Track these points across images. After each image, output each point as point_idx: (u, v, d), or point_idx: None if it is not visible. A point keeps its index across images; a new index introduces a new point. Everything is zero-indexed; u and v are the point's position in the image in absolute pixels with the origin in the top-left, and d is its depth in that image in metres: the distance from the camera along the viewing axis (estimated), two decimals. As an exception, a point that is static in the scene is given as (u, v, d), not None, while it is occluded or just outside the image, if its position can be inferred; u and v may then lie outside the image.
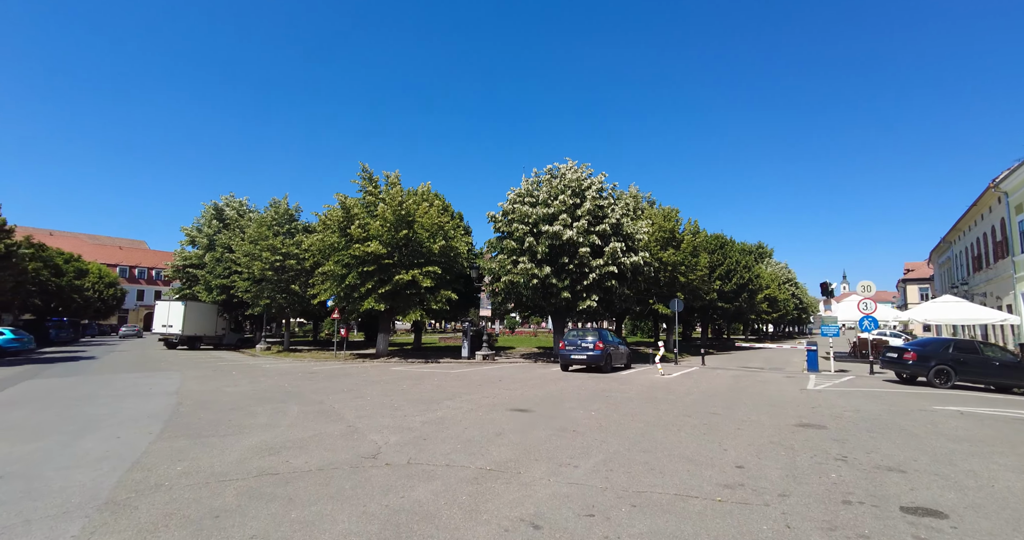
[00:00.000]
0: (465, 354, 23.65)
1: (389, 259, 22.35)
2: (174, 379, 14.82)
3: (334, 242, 23.03)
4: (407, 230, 22.50)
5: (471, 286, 27.92)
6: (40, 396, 11.48)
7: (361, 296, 22.77)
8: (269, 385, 13.65)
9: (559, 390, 12.94)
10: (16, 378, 15.48)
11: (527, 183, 24.39)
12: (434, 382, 14.52)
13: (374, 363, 22.18)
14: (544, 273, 21.50)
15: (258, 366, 20.10)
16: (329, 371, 18.01)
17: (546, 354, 27.13)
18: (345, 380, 14.98)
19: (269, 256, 26.74)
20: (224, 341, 35.75)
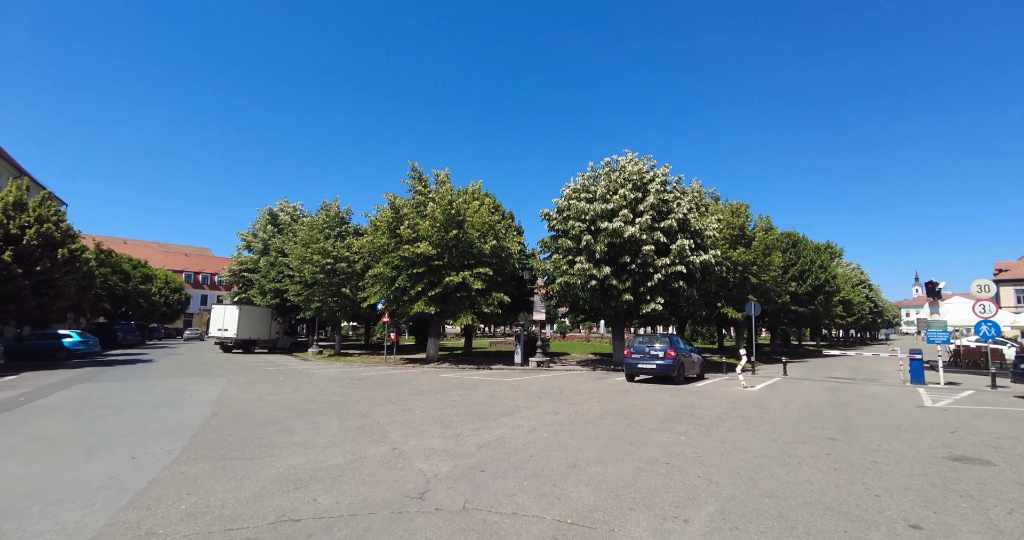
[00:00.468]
0: (518, 360, 22.26)
1: (439, 260, 21.31)
2: (218, 385, 14.18)
3: (384, 243, 22.24)
4: (457, 230, 21.40)
5: (523, 288, 26.53)
6: (80, 403, 10.94)
7: (411, 299, 21.83)
8: (313, 393, 12.71)
9: (631, 406, 11.29)
10: (71, 381, 15.33)
11: (583, 178, 22.81)
12: (487, 392, 13.17)
13: (424, 369, 21.14)
14: (603, 273, 19.83)
15: (306, 371, 19.44)
16: (377, 378, 17.04)
17: (604, 361, 25.35)
18: (393, 388, 13.88)
19: (320, 259, 26.36)
20: (278, 345, 35.94)
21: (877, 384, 17.69)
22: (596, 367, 22.39)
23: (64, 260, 20.66)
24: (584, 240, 20.23)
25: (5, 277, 18.93)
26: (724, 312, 28.03)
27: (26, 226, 19.66)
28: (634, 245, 20.28)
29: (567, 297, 21.99)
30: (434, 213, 21.14)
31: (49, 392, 12.86)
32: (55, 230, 20.68)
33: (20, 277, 19.21)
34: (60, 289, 20.68)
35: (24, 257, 19.51)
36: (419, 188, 23.03)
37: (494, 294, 21.90)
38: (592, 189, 22.17)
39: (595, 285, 20.14)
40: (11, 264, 18.92)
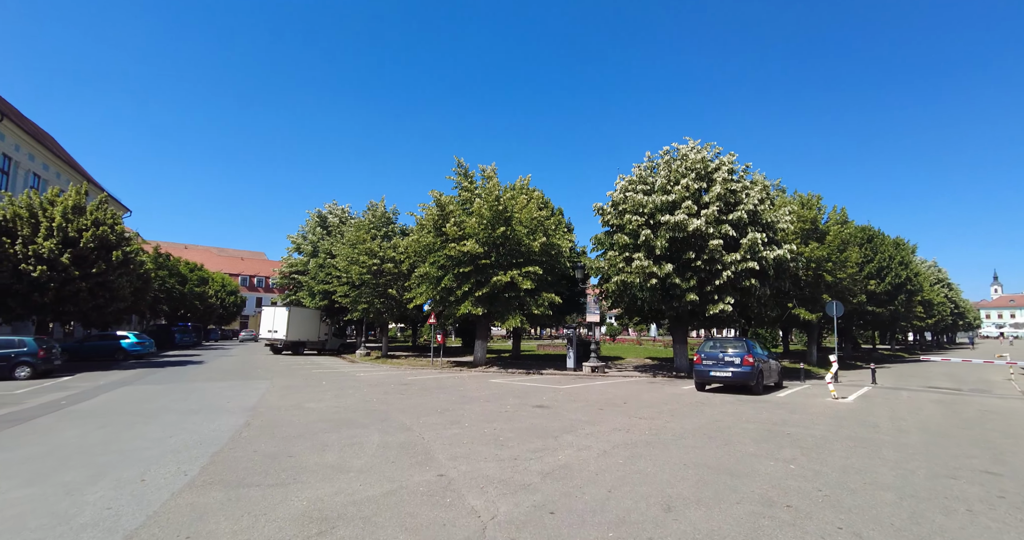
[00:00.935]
0: (571, 365, 20.86)
1: (486, 259, 20.23)
2: (259, 390, 13.54)
3: (429, 242, 21.38)
4: (504, 227, 20.25)
5: (574, 288, 25.12)
6: (115, 408, 10.41)
7: (457, 299, 20.85)
8: (355, 401, 11.79)
9: (713, 421, 9.73)
10: (118, 383, 15.13)
11: (640, 169, 21.20)
12: (543, 402, 11.88)
13: (471, 373, 20.07)
14: (665, 271, 18.17)
15: (351, 375, 18.75)
16: (423, 383, 16.08)
17: (663, 367, 23.58)
18: (440, 396, 12.82)
19: (367, 260, 25.86)
20: (327, 346, 35.91)
21: (991, 396, 15.27)
22: (656, 373, 20.69)
23: (119, 262, 20.86)
24: (642, 235, 18.64)
25: (64, 279, 19.22)
26: (796, 313, 25.66)
27: (83, 229, 19.94)
28: (699, 239, 18.53)
29: (623, 297, 20.42)
30: (480, 210, 20.08)
31: (93, 394, 12.54)
32: (110, 233, 20.95)
33: (77, 279, 19.47)
34: (115, 291, 20.92)
35: (81, 259, 19.79)
36: (465, 184, 22.05)
37: (544, 294, 20.62)
38: (650, 180, 20.53)
39: (656, 284, 18.50)
40: (69, 266, 19.19)
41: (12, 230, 19.06)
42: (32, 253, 18.70)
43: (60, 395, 12.51)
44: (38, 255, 18.78)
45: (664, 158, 21.13)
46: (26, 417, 9.37)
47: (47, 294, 18.89)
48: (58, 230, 19.46)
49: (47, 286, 18.85)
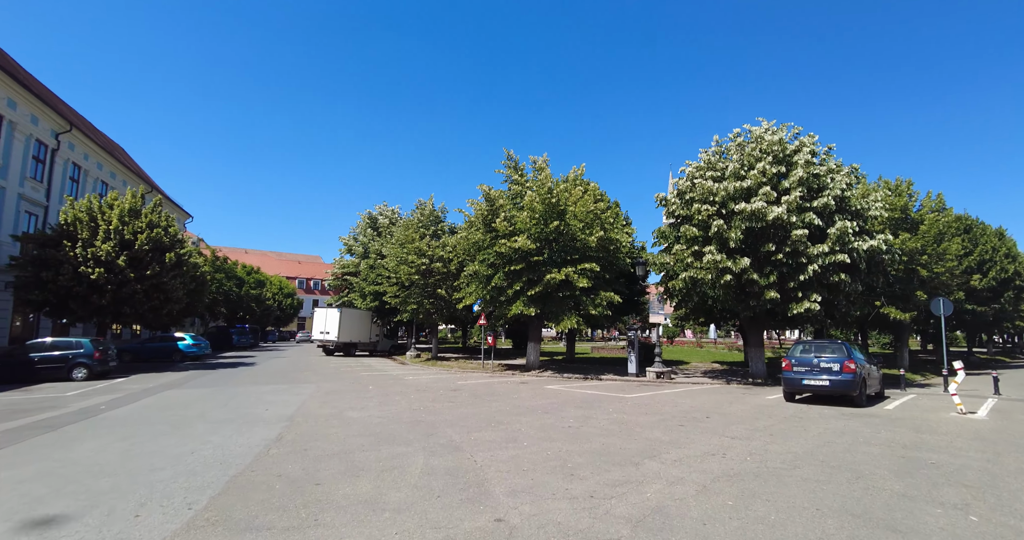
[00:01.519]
0: (633, 370, 19.16)
1: (538, 255, 18.88)
2: (301, 395, 12.73)
3: (478, 240, 20.27)
4: (558, 221, 18.84)
5: (633, 287, 23.39)
6: (149, 415, 9.77)
7: (508, 299, 19.61)
8: (400, 409, 10.71)
9: (824, 443, 7.97)
10: (166, 386, 14.80)
11: (708, 154, 19.30)
12: (611, 415, 10.39)
13: (524, 378, 18.77)
14: (740, 266, 16.25)
15: (399, 379, 17.85)
16: (474, 388, 14.90)
17: (735, 373, 21.49)
18: (492, 404, 11.56)
19: (415, 259, 25.11)
20: (378, 348, 35.62)
21: None
22: (729, 380, 18.70)
23: (172, 264, 20.93)
24: (714, 226, 16.78)
25: (121, 281, 19.39)
26: (884, 313, 22.90)
27: (138, 232, 20.10)
28: (779, 230, 16.49)
29: (691, 296, 18.57)
30: (532, 203, 18.76)
31: (135, 399, 12.09)
32: (164, 235, 21.08)
33: (133, 281, 19.61)
34: (169, 292, 21.02)
35: (136, 261, 19.94)
36: (515, 178, 20.79)
37: (602, 293, 19.05)
38: (720, 166, 18.60)
39: (730, 281, 16.57)
40: (125, 268, 19.34)
41: (73, 234, 19.37)
42: (91, 256, 18.91)
43: (104, 399, 12.13)
44: (96, 258, 18.99)
45: (735, 141, 19.13)
46: (57, 424, 8.81)
47: (105, 296, 19.06)
48: (115, 233, 19.65)
49: (105, 288, 19.02)
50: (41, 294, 18.72)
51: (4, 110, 23.42)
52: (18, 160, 24.56)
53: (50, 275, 18.44)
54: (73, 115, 32.26)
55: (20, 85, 23.77)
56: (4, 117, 23.55)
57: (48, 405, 11.33)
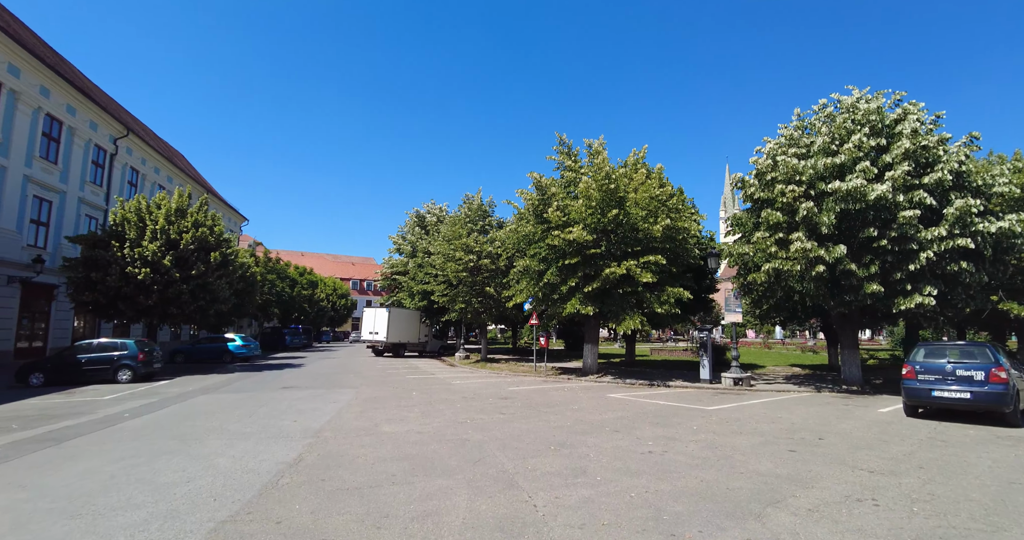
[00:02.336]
0: (705, 376, 17.01)
1: (596, 248, 17.08)
2: (338, 403, 11.54)
3: (529, 232, 18.67)
4: (617, 210, 16.96)
5: (702, 282, 21.16)
6: (165, 426, 8.77)
7: (562, 296, 17.91)
8: (444, 422, 9.26)
9: (1007, 484, 5.86)
10: (203, 390, 14.08)
11: (788, 130, 16.92)
12: (697, 435, 8.52)
13: (582, 383, 17.03)
14: (834, 255, 13.88)
15: (446, 383, 16.51)
16: (527, 396, 13.32)
17: (821, 378, 18.93)
18: (550, 417, 9.94)
19: (462, 256, 23.85)
20: (427, 348, 34.72)
21: None
22: (819, 386, 16.26)
23: (217, 263, 20.52)
24: (801, 209, 14.45)
25: (167, 281, 19.10)
26: (1004, 308, 19.59)
27: (184, 231, 19.79)
28: (882, 212, 14.00)
29: (774, 291, 16.25)
30: (588, 190, 16.98)
31: (165, 404, 11.28)
32: (209, 234, 20.73)
33: (179, 281, 19.29)
34: (215, 292, 20.65)
35: (182, 261, 19.63)
36: (568, 164, 19.02)
37: (669, 289, 17.02)
38: (805, 142, 16.23)
39: (822, 272, 14.22)
40: (171, 268, 19.03)
41: (121, 234, 19.23)
42: (138, 256, 18.67)
43: (135, 405, 11.38)
44: (143, 258, 18.73)
45: (824, 112, 16.69)
46: (67, 436, 7.90)
47: (151, 296, 18.78)
48: (161, 233, 19.37)
49: (151, 288, 18.74)
50: (91, 295, 18.63)
51: (64, 116, 23.91)
52: (78, 165, 25.10)
53: (99, 276, 18.32)
54: (131, 120, 33.09)
55: (79, 91, 24.22)
56: (64, 123, 24.05)
57: (78, 411, 10.65)
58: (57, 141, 23.72)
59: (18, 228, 21.28)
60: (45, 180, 22.75)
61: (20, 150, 21.19)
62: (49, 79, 22.59)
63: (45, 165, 22.80)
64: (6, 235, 20.49)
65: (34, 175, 22.06)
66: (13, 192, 20.90)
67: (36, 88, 21.98)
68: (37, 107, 22.11)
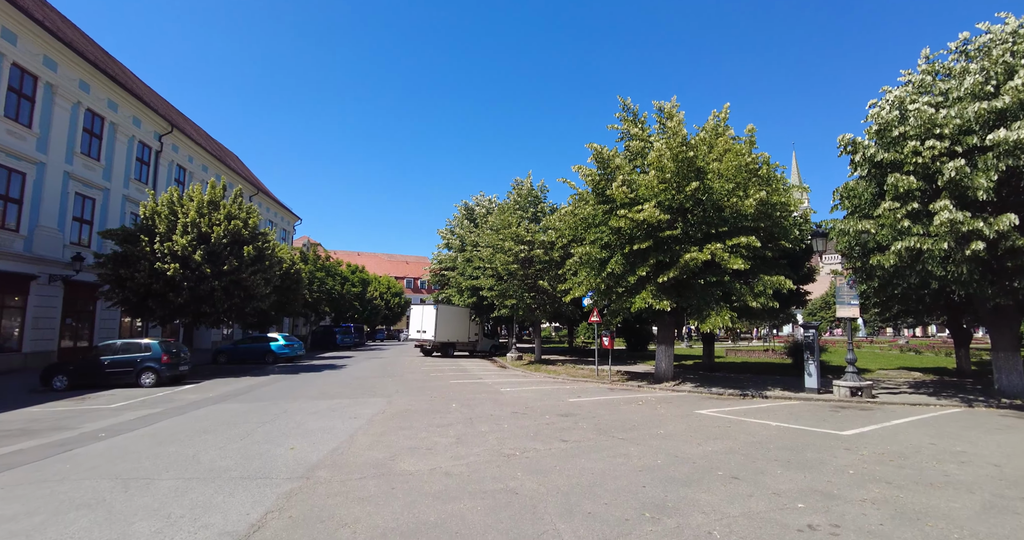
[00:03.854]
0: (812, 384, 13.75)
1: (671, 229, 14.19)
2: (357, 420, 9.36)
3: (588, 214, 16.00)
4: (697, 182, 13.98)
5: (799, 270, 17.77)
6: (133, 451, 6.86)
7: (629, 289, 15.14)
8: (484, 456, 6.84)
9: None
10: (224, 397, 12.40)
11: (914, 76, 13.40)
12: (861, 485, 5.66)
13: (657, 393, 14.22)
14: (999, 228, 10.45)
15: (494, 391, 14.15)
16: (593, 412, 10.72)
17: (958, 386, 15.24)
18: (630, 449, 7.32)
19: (512, 247, 21.45)
20: (477, 348, 32.63)
21: None
22: (966, 399, 12.68)
23: (251, 258, 19.09)
24: (946, 171, 11.02)
25: (198, 277, 17.86)
26: None
27: (216, 224, 18.50)
28: (1072, 167, 10.41)
29: (906, 276, 12.78)
30: (661, 160, 14.10)
31: (161, 418, 9.55)
32: (243, 227, 19.35)
33: (210, 277, 17.99)
34: (250, 288, 19.27)
35: (214, 256, 18.34)
36: (635, 132, 16.14)
37: (764, 277, 13.90)
38: (940, 88, 12.72)
39: (979, 251, 10.76)
40: (202, 264, 17.76)
41: (151, 228, 18.12)
42: (167, 251, 17.48)
43: (132, 417, 9.72)
44: (173, 253, 17.52)
45: (958, 52, 13.11)
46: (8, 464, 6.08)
47: (181, 293, 17.54)
48: (192, 226, 18.12)
49: (181, 285, 17.50)
50: (121, 293, 17.60)
51: (105, 111, 23.38)
52: (121, 161, 24.62)
53: (128, 272, 17.23)
54: (178, 117, 32.80)
55: (119, 85, 23.64)
56: (106, 118, 23.54)
57: (66, 424, 9.08)
58: (99, 137, 23.23)
59: (59, 226, 20.77)
60: (87, 177, 22.23)
61: (60, 146, 20.66)
62: (88, 73, 22.02)
63: (87, 161, 22.29)
64: (47, 233, 19.96)
65: (75, 172, 21.53)
66: (53, 189, 20.36)
67: (75, 82, 21.41)
68: (76, 102, 21.56)
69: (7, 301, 18.56)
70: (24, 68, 19.03)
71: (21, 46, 18.77)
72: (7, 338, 18.64)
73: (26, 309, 19.03)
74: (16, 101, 18.89)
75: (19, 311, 18.91)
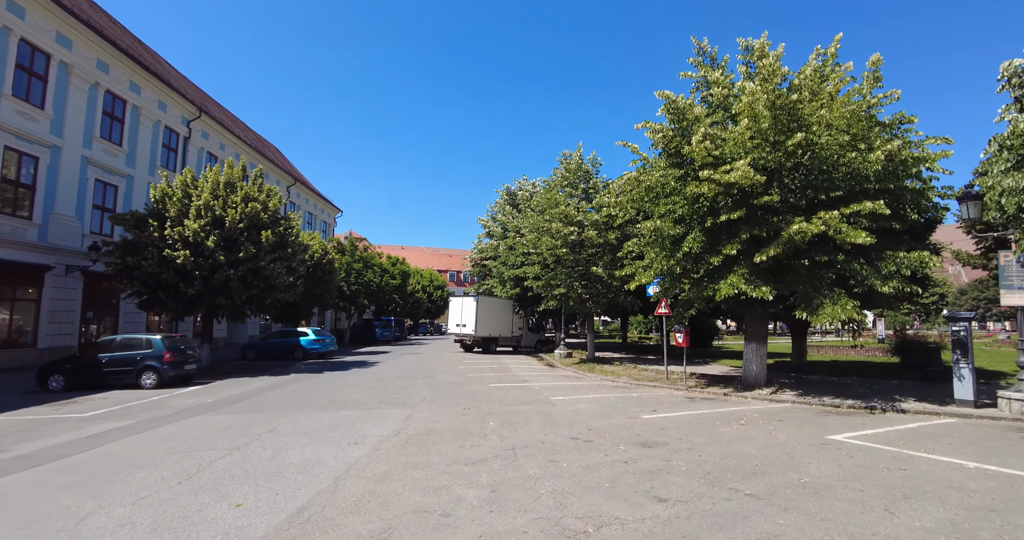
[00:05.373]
0: (966, 394, 10.38)
1: (767, 195, 11.03)
2: (360, 447, 6.89)
3: (657, 182, 12.99)
4: (800, 135, 10.74)
5: (925, 243, 14.20)
6: (42, 494, 4.58)
7: (711, 273, 12.11)
8: (538, 530, 4.18)
9: None
10: (218, 404, 10.33)
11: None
12: None
13: (752, 404, 11.21)
14: None
15: (544, 401, 11.49)
16: (681, 433, 7.91)
17: None
18: (768, 514, 4.53)
19: (560, 228, 18.66)
20: (521, 343, 30.07)
21: None
22: None
23: (270, 244, 17.15)
24: None
25: (212, 266, 16.07)
26: None
27: (231, 206, 16.64)
28: None
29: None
30: (754, 107, 10.96)
31: (125, 434, 7.47)
32: (261, 210, 17.43)
33: (225, 265, 16.17)
34: (270, 278, 17.37)
35: (230, 242, 16.52)
36: (714, 77, 12.90)
37: (897, 254, 10.59)
38: None
39: None
40: (215, 250, 15.94)
41: (161, 212, 16.44)
42: (178, 236, 15.72)
43: (93, 431, 7.71)
44: (184, 238, 15.76)
45: None
46: None
47: (193, 284, 15.77)
48: (205, 209, 16.31)
49: (192, 274, 15.73)
50: (130, 283, 15.99)
51: (127, 94, 22.02)
52: (146, 147, 23.33)
53: (135, 261, 15.59)
54: (208, 102, 31.45)
55: (141, 66, 22.24)
56: (128, 102, 22.22)
57: (15, 439, 7.13)
58: (120, 121, 21.94)
59: (78, 214, 19.53)
60: (108, 163, 20.97)
61: (77, 129, 19.36)
62: (107, 52, 20.65)
63: (107, 146, 21.02)
64: (63, 221, 18.72)
65: (94, 157, 20.27)
66: (70, 175, 19.09)
67: (92, 62, 20.06)
68: (94, 83, 20.23)
69: (20, 293, 17.38)
70: (34, 45, 17.71)
71: (30, 21, 17.42)
72: (21, 333, 17.49)
73: (41, 302, 17.83)
74: (26, 80, 17.60)
75: (33, 304, 17.71)
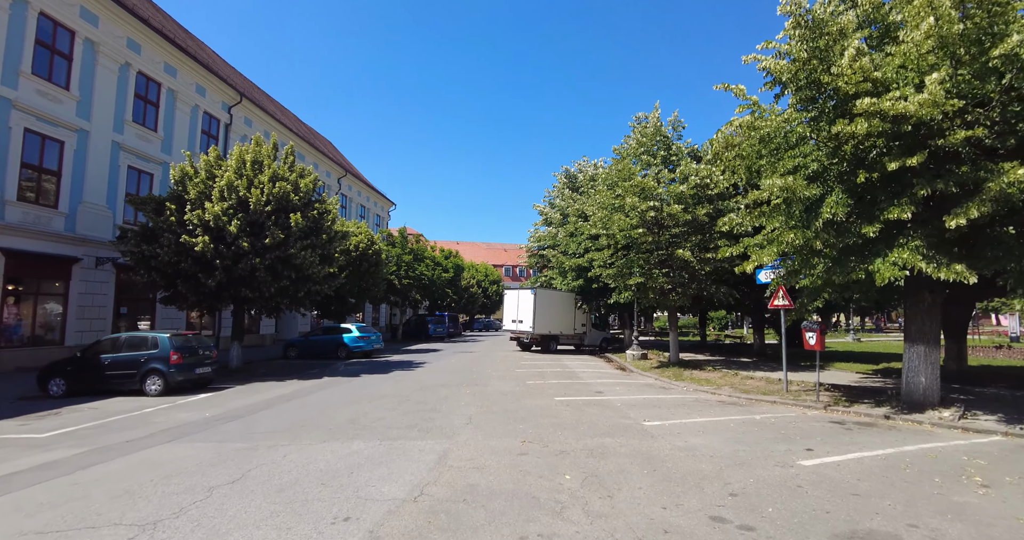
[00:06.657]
0: None
1: (966, 130, 7.42)
2: (358, 523, 4.15)
3: (778, 128, 9.57)
4: (1016, 37, 7.09)
5: None
6: None
7: (861, 246, 8.62)
8: None
9: None
10: (216, 419, 8.03)
11: None
12: None
13: (950, 441, 7.74)
14: None
15: (634, 429, 8.42)
16: (889, 501, 4.73)
17: None
18: None
19: (637, 203, 15.41)
20: (585, 341, 26.96)
21: None
22: None
23: (301, 230, 15.00)
24: None
25: (236, 254, 14.12)
26: None
27: (256, 187, 14.63)
28: None
29: None
30: (940, 4, 7.40)
31: (53, 471, 5.10)
32: (291, 191, 15.33)
33: (250, 253, 14.17)
34: (302, 268, 15.28)
35: (256, 227, 14.53)
36: (860, -20, 9.38)
37: None
38: None
39: None
40: (239, 237, 13.97)
41: (180, 194, 14.63)
42: (197, 221, 13.82)
43: (28, 464, 5.43)
44: (204, 223, 13.85)
45: None
46: None
47: (213, 274, 13.84)
48: (229, 191, 14.35)
49: (213, 263, 13.80)
50: (147, 274, 14.27)
51: (161, 76, 20.65)
52: (183, 133, 21.99)
53: (151, 249, 13.82)
54: (250, 88, 30.18)
55: (175, 46, 20.84)
56: (163, 84, 20.86)
57: None
58: (155, 105, 20.63)
59: (109, 203, 18.24)
60: (141, 149, 19.66)
61: (106, 112, 18.04)
62: (137, 31, 19.26)
63: (141, 131, 19.72)
64: (93, 210, 17.45)
65: (127, 142, 18.96)
66: (99, 161, 17.79)
67: (121, 40, 18.69)
68: (124, 63, 18.87)
69: (44, 287, 16.16)
70: (56, 19, 16.34)
71: (49, -7, 16.09)
72: (48, 329, 16.29)
73: (68, 296, 16.57)
74: (48, 58, 16.26)
75: (60, 298, 16.47)
